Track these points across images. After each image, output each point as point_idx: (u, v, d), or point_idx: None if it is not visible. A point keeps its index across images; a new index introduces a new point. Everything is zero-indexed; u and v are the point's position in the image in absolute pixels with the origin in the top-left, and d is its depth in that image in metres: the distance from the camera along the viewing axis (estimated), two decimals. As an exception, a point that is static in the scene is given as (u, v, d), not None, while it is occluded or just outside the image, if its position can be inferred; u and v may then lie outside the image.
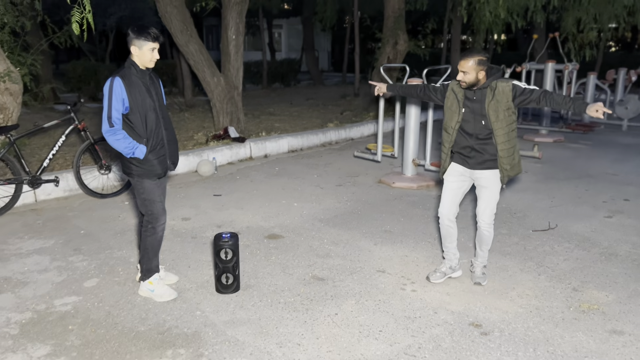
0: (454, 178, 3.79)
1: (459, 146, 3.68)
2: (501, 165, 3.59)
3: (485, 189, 3.72)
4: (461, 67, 3.44)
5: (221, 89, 8.48)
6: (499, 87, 3.47)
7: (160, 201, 3.63)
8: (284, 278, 4.01)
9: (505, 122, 3.50)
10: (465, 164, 3.70)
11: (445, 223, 3.86)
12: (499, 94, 3.47)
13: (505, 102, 3.47)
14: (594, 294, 3.75)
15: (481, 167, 3.64)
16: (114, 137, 3.42)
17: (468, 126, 3.59)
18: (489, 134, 3.54)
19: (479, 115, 3.53)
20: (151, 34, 3.40)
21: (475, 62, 3.39)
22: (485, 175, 3.67)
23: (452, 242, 3.92)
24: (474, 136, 3.58)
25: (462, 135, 3.64)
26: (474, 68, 3.41)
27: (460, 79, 3.49)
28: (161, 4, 7.89)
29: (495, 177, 3.65)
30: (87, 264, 4.25)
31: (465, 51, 3.51)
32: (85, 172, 6.14)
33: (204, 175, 7.07)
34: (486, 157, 3.60)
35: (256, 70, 19.18)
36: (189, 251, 4.53)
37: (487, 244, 3.88)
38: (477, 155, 3.62)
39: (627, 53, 22.52)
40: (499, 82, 3.49)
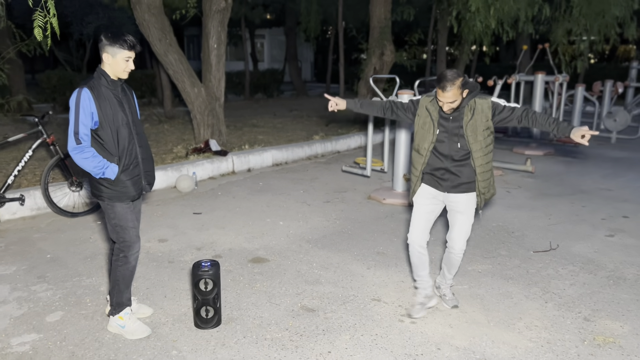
0: (425, 201, 3.48)
1: (431, 167, 3.39)
2: (478, 188, 3.35)
3: (461, 214, 3.43)
4: (446, 97, 3.10)
5: (202, 100, 8.11)
6: (478, 106, 3.22)
7: (133, 227, 3.25)
8: (270, 309, 3.65)
9: (485, 142, 3.24)
10: (438, 187, 3.41)
11: (416, 250, 3.53)
12: (477, 113, 3.21)
13: (484, 122, 3.21)
14: (607, 324, 3.46)
15: (456, 190, 3.37)
16: (82, 156, 3.05)
17: (442, 147, 3.31)
18: (466, 155, 3.27)
19: (455, 136, 3.25)
20: (127, 41, 3.05)
21: (459, 86, 3.08)
22: (461, 200, 3.39)
23: (424, 270, 3.61)
24: (449, 158, 3.30)
25: (436, 156, 3.35)
26: (459, 93, 3.11)
27: (447, 109, 3.18)
28: (138, 12, 7.51)
29: (472, 201, 3.40)
30: (51, 294, 3.84)
31: (442, 79, 3.09)
32: (55, 189, 5.72)
33: (184, 192, 6.68)
34: (462, 179, 3.33)
35: (238, 81, 18.82)
36: (165, 278, 4.14)
37: (456, 268, 3.65)
38: (452, 178, 3.34)
39: (607, 65, 22.73)
40: (477, 99, 3.23)
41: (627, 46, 28.24)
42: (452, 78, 3.05)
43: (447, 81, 3.06)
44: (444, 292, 3.73)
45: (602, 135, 10.99)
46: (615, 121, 10.57)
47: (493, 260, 4.54)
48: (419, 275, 3.62)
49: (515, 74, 9.13)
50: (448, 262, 3.62)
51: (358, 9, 15.29)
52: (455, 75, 3.06)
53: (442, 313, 3.61)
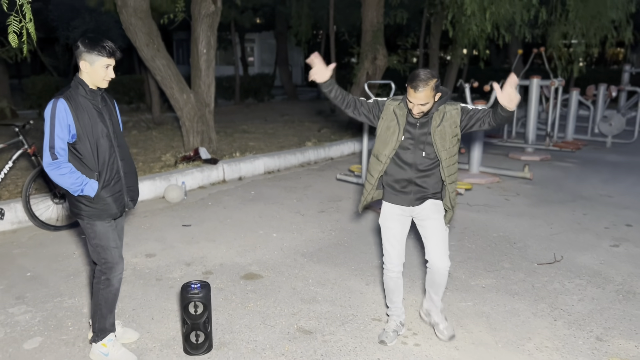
0: (394, 223, 3.18)
1: (393, 179, 3.09)
2: (449, 201, 3.08)
3: (430, 220, 3.13)
4: (418, 99, 2.81)
5: (191, 107, 7.88)
6: (447, 112, 2.96)
7: (115, 247, 3.02)
8: (265, 332, 3.42)
9: (452, 151, 3.00)
10: (401, 201, 3.11)
11: (392, 276, 3.28)
12: (446, 119, 2.95)
13: (453, 128, 2.96)
14: (621, 344, 3.28)
15: (420, 201, 3.10)
16: (58, 172, 2.82)
17: (406, 155, 3.01)
18: (431, 165, 3.01)
19: (421, 143, 2.98)
20: (106, 48, 2.82)
21: (433, 87, 2.81)
22: (426, 207, 3.11)
23: (399, 296, 3.35)
24: (414, 167, 3.02)
25: (398, 165, 3.05)
26: (432, 95, 2.84)
27: (417, 112, 2.89)
28: (125, 16, 7.28)
29: (439, 207, 3.12)
30: (30, 317, 3.59)
31: (414, 78, 2.81)
32: (37, 201, 5.46)
33: (172, 202, 6.44)
34: (427, 191, 3.07)
35: (228, 85, 18.57)
36: (153, 297, 3.91)
37: (443, 288, 3.30)
38: (415, 190, 3.06)
39: (596, 68, 22.78)
40: (447, 105, 2.98)
41: (615, 49, 28.38)
42: (425, 78, 2.79)
43: (420, 80, 2.79)
44: (435, 319, 3.37)
45: (597, 140, 10.89)
46: (610, 125, 10.47)
47: (497, 273, 4.35)
48: (393, 302, 3.36)
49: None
50: (432, 284, 3.28)
51: (349, 12, 15.13)
52: (430, 76, 2.81)
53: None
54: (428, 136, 2.97)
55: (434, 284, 3.27)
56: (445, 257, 3.16)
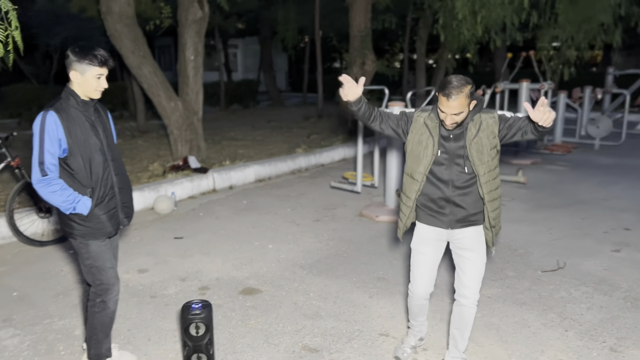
0: (427, 248, 2.89)
1: (428, 198, 2.79)
2: (488, 221, 2.78)
3: (471, 252, 2.82)
4: (451, 108, 2.53)
5: (179, 115, 7.70)
6: (484, 121, 2.68)
7: (111, 267, 2.85)
8: (269, 351, 3.27)
9: (492, 164, 2.70)
10: (438, 223, 2.81)
11: (419, 303, 3.04)
12: (483, 130, 2.67)
13: (491, 139, 2.67)
14: (636, 355, 3.19)
15: (461, 224, 2.78)
16: (48, 189, 2.65)
17: (441, 171, 2.72)
18: (470, 180, 2.71)
19: (456, 157, 2.70)
20: (98, 57, 2.66)
21: (468, 95, 2.54)
22: (468, 235, 2.81)
23: (423, 316, 3.16)
24: (450, 184, 2.72)
25: (433, 184, 2.75)
26: (467, 103, 2.56)
27: (450, 123, 2.61)
28: (110, 22, 7.08)
29: (481, 236, 2.83)
30: (18, 342, 3.39)
31: (447, 85, 2.53)
32: (21, 216, 5.24)
33: (162, 213, 6.25)
34: (467, 211, 2.75)
35: (213, 92, 18.34)
36: (148, 316, 3.73)
37: (469, 326, 2.94)
38: (454, 210, 2.75)
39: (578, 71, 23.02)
40: (482, 114, 2.70)
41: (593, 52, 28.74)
42: (459, 84, 2.51)
43: (453, 87, 2.51)
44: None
45: (585, 142, 10.92)
46: (598, 128, 10.51)
47: (502, 282, 4.25)
48: (417, 320, 3.17)
49: (501, 82, 8.97)
50: (460, 321, 2.92)
51: (334, 17, 15.06)
52: (464, 82, 2.53)
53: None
54: (464, 149, 2.68)
55: (461, 321, 2.91)
56: (476, 290, 2.86)
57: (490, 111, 2.74)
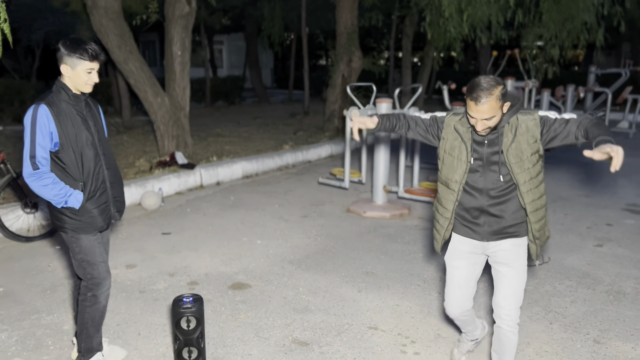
0: (461, 262, 2.67)
1: (461, 207, 2.60)
2: (532, 232, 2.55)
3: (507, 267, 2.59)
4: (481, 112, 2.30)
5: (166, 110, 7.66)
6: (522, 124, 2.44)
7: (102, 261, 2.85)
8: (259, 344, 3.30)
9: (534, 170, 2.45)
10: (472, 235, 2.60)
11: (460, 319, 2.85)
12: (521, 133, 2.43)
13: (531, 144, 2.43)
14: (619, 346, 3.28)
15: (498, 237, 2.56)
16: (40, 183, 2.64)
17: (475, 179, 2.52)
18: (507, 189, 2.48)
19: (493, 164, 2.48)
20: (88, 51, 2.65)
21: (499, 97, 2.29)
22: (504, 248, 2.57)
23: (473, 323, 2.94)
24: (485, 193, 2.51)
25: (467, 192, 2.55)
26: (499, 106, 2.32)
27: (482, 129, 2.38)
28: (95, 17, 7.01)
29: (521, 249, 2.59)
30: (6, 337, 3.37)
31: (475, 88, 2.30)
32: (6, 211, 5.19)
33: (149, 209, 6.22)
34: (506, 222, 2.53)
35: (198, 88, 18.22)
36: (138, 311, 3.73)
37: (512, 353, 2.67)
38: (490, 221, 2.54)
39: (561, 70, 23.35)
40: (519, 116, 2.46)
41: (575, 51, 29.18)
42: (488, 86, 2.27)
43: (481, 90, 2.27)
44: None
45: (567, 140, 11.08)
46: (580, 125, 10.66)
47: (487, 277, 4.31)
48: (467, 330, 2.96)
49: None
50: (498, 345, 2.69)
51: (320, 14, 15.07)
52: (493, 83, 2.28)
53: (446, 341, 3.35)
54: (499, 155, 2.46)
55: (501, 347, 2.68)
56: (514, 310, 2.61)
57: (529, 112, 2.49)
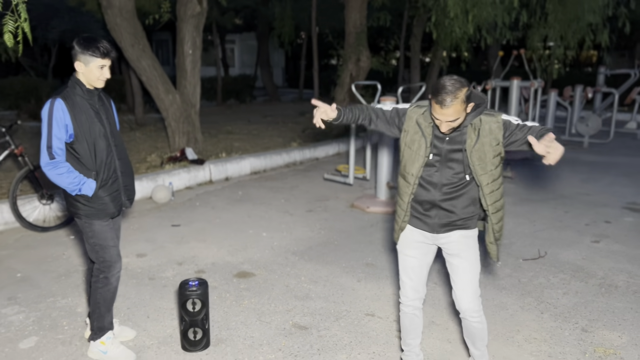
0: (411, 251, 2.71)
1: (415, 199, 2.62)
2: (492, 233, 2.61)
3: (458, 258, 2.63)
4: (446, 115, 2.31)
5: (177, 107, 7.87)
6: (485, 125, 2.45)
7: (114, 245, 3.05)
8: (261, 328, 3.47)
9: (496, 173, 2.48)
10: (423, 226, 2.63)
11: (409, 312, 2.80)
12: (485, 135, 2.43)
13: (494, 146, 2.44)
14: (605, 335, 3.41)
15: (446, 229, 2.59)
16: (56, 171, 2.84)
17: (431, 174, 2.53)
18: (460, 184, 2.52)
19: (448, 160, 2.50)
20: (100, 48, 2.84)
21: (463, 100, 2.30)
22: (453, 239, 2.61)
23: (416, 338, 2.88)
24: (439, 188, 2.53)
25: (422, 186, 2.57)
26: (462, 108, 2.32)
27: (446, 130, 2.40)
28: (110, 16, 7.24)
29: (470, 240, 2.63)
30: (24, 318, 3.58)
31: (440, 90, 2.29)
32: (24, 202, 5.42)
33: (160, 203, 6.44)
34: (455, 217, 2.57)
35: (210, 86, 18.50)
36: (147, 296, 3.93)
37: (482, 338, 2.77)
38: (440, 214, 2.57)
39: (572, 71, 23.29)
40: (483, 117, 2.46)
41: (589, 52, 29.05)
42: (453, 89, 2.27)
43: (446, 93, 2.27)
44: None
45: (574, 140, 11.16)
46: (587, 126, 10.74)
47: (484, 269, 4.46)
48: (408, 344, 2.90)
49: (492, 79, 9.18)
50: (468, 333, 2.78)
51: (331, 14, 15.22)
52: (459, 85, 2.28)
53: (439, 327, 3.50)
54: (458, 153, 2.48)
55: (470, 334, 2.78)
56: (475, 301, 2.67)
57: (493, 114, 2.49)
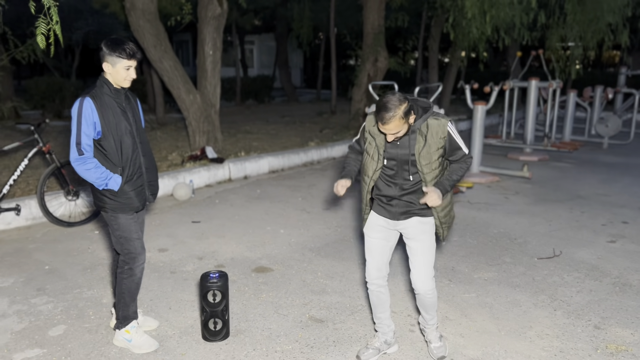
0: (376, 234, 2.99)
1: (380, 193, 2.92)
2: (438, 219, 2.91)
3: (414, 241, 2.92)
4: (388, 130, 2.60)
5: (197, 107, 8.04)
6: (432, 129, 2.73)
7: (138, 238, 3.18)
8: (278, 320, 3.58)
9: (439, 170, 2.81)
10: (386, 214, 2.93)
11: (374, 289, 3.07)
12: (431, 137, 2.73)
13: (439, 148, 2.75)
14: (617, 332, 3.45)
15: (405, 216, 2.89)
16: (84, 167, 2.98)
17: (390, 175, 2.85)
18: (417, 183, 2.82)
19: (403, 163, 2.79)
20: (126, 50, 2.97)
21: (402, 115, 2.56)
22: (411, 225, 2.90)
23: (384, 312, 3.13)
24: (399, 186, 2.84)
25: (384, 181, 2.88)
26: (404, 122, 2.60)
27: (391, 140, 2.69)
28: (133, 18, 7.44)
29: (427, 226, 2.91)
30: (52, 307, 3.74)
31: (380, 109, 2.56)
32: (51, 198, 5.61)
33: (181, 200, 6.60)
34: (413, 207, 2.87)
35: (229, 87, 18.74)
36: (169, 289, 4.06)
37: (433, 307, 3.08)
38: (400, 204, 2.87)
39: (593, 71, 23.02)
40: (430, 121, 2.74)
41: (611, 52, 28.68)
42: (392, 107, 2.54)
43: (386, 112, 2.54)
44: (428, 337, 3.19)
45: (594, 141, 11.08)
46: (607, 127, 10.66)
47: (498, 267, 4.52)
48: (378, 318, 3.15)
49: (510, 80, 9.19)
50: (420, 304, 3.09)
51: (349, 15, 15.33)
52: (397, 103, 2.54)
53: (452, 322, 3.57)
54: (411, 157, 2.76)
55: (421, 305, 3.09)
56: (425, 280, 2.95)
57: (439, 118, 2.76)
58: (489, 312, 3.72)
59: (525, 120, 9.52)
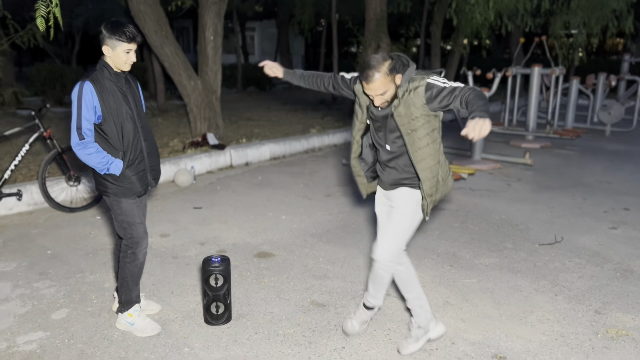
0: (380, 209, 2.99)
1: (375, 161, 2.92)
2: (424, 190, 2.72)
3: (393, 208, 2.86)
4: (373, 90, 2.52)
5: (198, 93, 8.01)
6: (412, 89, 2.58)
7: (140, 223, 3.18)
8: (280, 304, 3.60)
9: (422, 132, 2.62)
10: (381, 184, 2.93)
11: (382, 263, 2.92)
12: (410, 97, 2.57)
13: (418, 106, 2.57)
14: (618, 317, 3.46)
15: (394, 186, 2.83)
16: (85, 151, 2.97)
17: (377, 137, 2.79)
18: (402, 146, 2.73)
19: (387, 125, 2.71)
20: (126, 33, 2.94)
21: (387, 72, 2.49)
22: (397, 194, 2.83)
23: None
24: (384, 149, 2.79)
25: (374, 147, 2.87)
26: (389, 80, 2.51)
27: (379, 103, 2.60)
28: (134, 3, 7.38)
29: (408, 197, 2.80)
30: (55, 291, 3.76)
31: (364, 67, 2.51)
32: (52, 183, 5.62)
33: (182, 186, 6.60)
34: (399, 175, 2.80)
35: (230, 74, 18.67)
36: (171, 274, 4.08)
37: (382, 286, 2.99)
38: (389, 172, 2.82)
39: (596, 58, 22.89)
40: (412, 82, 2.60)
41: (615, 39, 28.50)
42: (376, 63, 2.47)
43: (369, 69, 2.47)
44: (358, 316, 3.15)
45: (596, 128, 11.04)
46: (609, 114, 10.62)
47: (499, 253, 4.52)
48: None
49: (512, 66, 9.13)
50: (373, 278, 2.99)
51: (350, 1, 15.20)
52: (380, 60, 2.48)
53: (454, 307, 3.58)
54: (390, 118, 2.69)
55: (373, 278, 3.00)
56: (389, 250, 2.78)
57: (421, 76, 2.62)
58: (490, 297, 3.73)
59: (528, 108, 9.48)
